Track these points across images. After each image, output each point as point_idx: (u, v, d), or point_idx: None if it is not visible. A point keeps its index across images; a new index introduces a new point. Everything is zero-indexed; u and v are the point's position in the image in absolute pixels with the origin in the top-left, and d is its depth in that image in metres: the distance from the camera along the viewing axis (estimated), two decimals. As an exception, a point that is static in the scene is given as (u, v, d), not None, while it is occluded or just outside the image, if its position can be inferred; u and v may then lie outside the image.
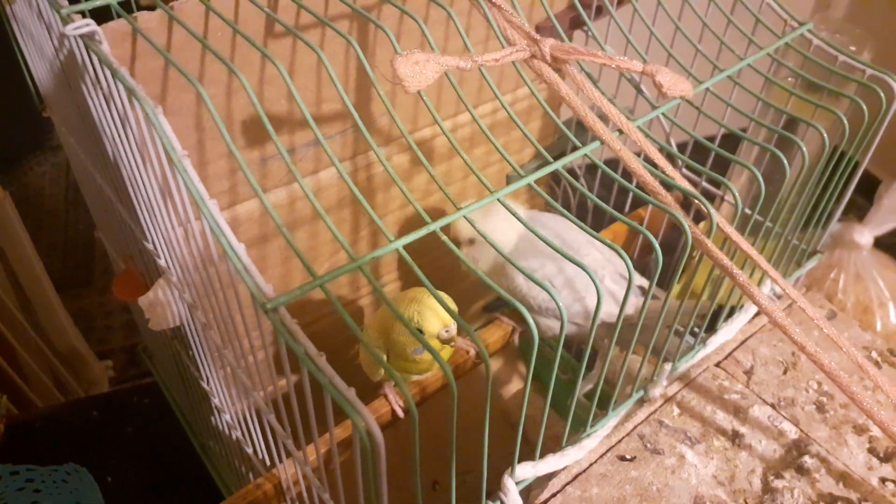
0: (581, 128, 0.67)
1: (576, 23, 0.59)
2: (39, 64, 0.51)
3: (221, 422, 0.54)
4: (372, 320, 0.47)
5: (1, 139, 0.90)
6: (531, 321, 0.29)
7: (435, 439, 0.44)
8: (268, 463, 0.48)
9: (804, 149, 0.39)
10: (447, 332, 0.42)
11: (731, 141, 0.46)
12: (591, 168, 0.35)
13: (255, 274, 0.30)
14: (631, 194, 0.48)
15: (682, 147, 0.55)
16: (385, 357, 0.46)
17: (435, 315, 0.42)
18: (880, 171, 1.00)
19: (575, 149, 0.36)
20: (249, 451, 0.50)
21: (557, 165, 0.36)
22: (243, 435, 0.50)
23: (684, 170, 0.55)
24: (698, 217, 0.58)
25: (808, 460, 0.41)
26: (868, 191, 0.83)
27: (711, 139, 0.43)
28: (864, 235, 0.84)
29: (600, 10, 0.60)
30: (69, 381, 1.10)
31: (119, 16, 0.38)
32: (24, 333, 0.99)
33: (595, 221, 0.70)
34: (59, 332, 1.13)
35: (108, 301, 1.59)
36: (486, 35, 0.54)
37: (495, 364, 0.70)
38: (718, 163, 0.43)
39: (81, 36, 0.34)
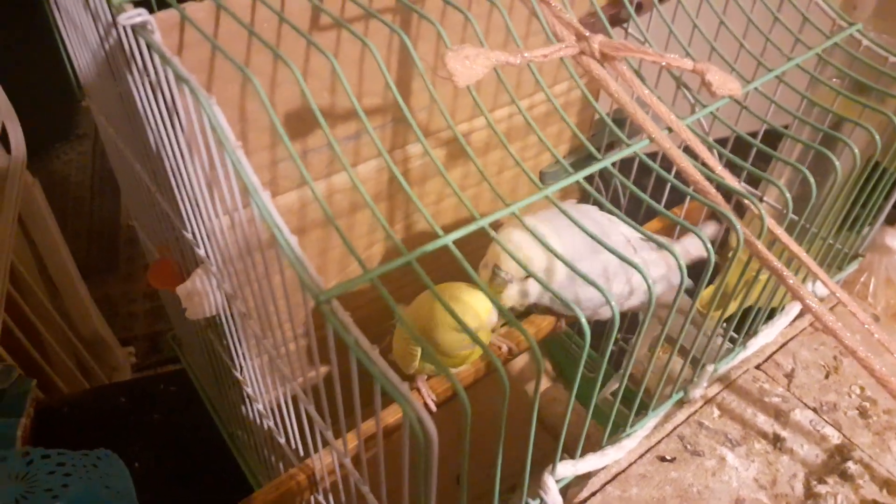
0: (617, 125, 0.66)
1: (615, 20, 0.59)
2: (82, 53, 0.51)
3: (253, 411, 0.54)
4: (412, 311, 0.47)
5: (29, 127, 0.91)
6: (584, 321, 0.29)
7: (460, 434, 0.44)
8: (301, 453, 0.48)
9: (855, 149, 0.39)
10: (490, 319, 0.42)
11: (770, 142, 0.46)
12: (623, 165, 0.36)
13: (308, 265, 0.30)
14: (667, 191, 0.48)
15: (722, 145, 0.54)
16: (419, 353, 0.46)
17: (472, 310, 0.42)
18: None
19: (610, 146, 0.36)
20: (282, 440, 0.50)
21: (607, 163, 0.36)
22: (276, 424, 0.50)
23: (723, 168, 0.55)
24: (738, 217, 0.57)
25: (851, 466, 0.40)
26: None
27: (753, 136, 0.42)
28: (896, 239, 0.83)
29: (640, 7, 0.60)
30: (93, 367, 1.11)
31: (168, 5, 0.38)
32: (50, 319, 1.00)
33: (630, 217, 0.70)
34: (84, 318, 1.14)
35: (132, 288, 1.61)
36: (527, 30, 0.54)
37: (523, 361, 0.69)
38: (756, 163, 0.43)
39: (133, 26, 0.34)
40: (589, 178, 0.55)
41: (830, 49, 0.45)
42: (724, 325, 0.44)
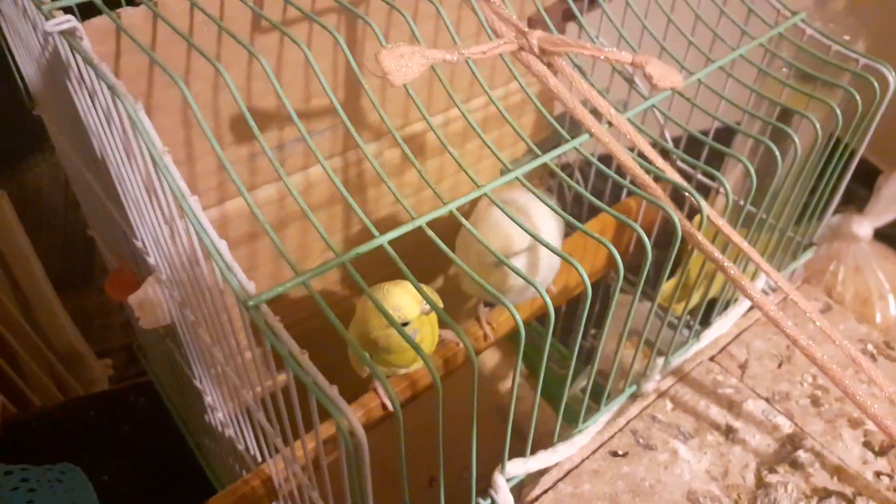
0: (575, 122, 0.66)
1: (569, 15, 0.59)
2: (27, 62, 0.50)
3: (214, 419, 0.54)
4: (357, 315, 0.47)
5: None
6: (520, 321, 0.29)
7: (431, 434, 0.44)
8: (259, 460, 0.47)
9: (797, 140, 0.39)
10: (397, 311, 0.40)
11: (726, 133, 0.46)
12: (590, 164, 0.36)
13: (237, 271, 0.29)
14: (609, 185, 0.48)
15: (676, 140, 0.54)
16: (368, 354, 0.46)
17: (404, 293, 0.40)
18: (881, 162, 0.99)
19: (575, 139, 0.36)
20: (241, 448, 0.49)
21: (546, 159, 0.35)
22: (235, 433, 0.50)
23: (679, 163, 0.55)
24: (694, 211, 0.57)
25: (802, 455, 0.40)
26: (869, 181, 0.82)
27: (706, 132, 0.42)
28: (864, 227, 0.83)
29: (593, 2, 0.60)
30: (69, 381, 1.10)
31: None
32: (23, 333, 0.99)
33: (591, 212, 0.70)
34: (58, 331, 1.13)
35: (108, 300, 1.59)
36: (478, 29, 0.54)
37: (492, 357, 0.69)
38: (713, 155, 0.43)
39: (62, 33, 0.33)
40: (552, 175, 0.53)
41: (778, 40, 0.45)
42: (689, 318, 0.44)
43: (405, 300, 0.40)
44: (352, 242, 0.58)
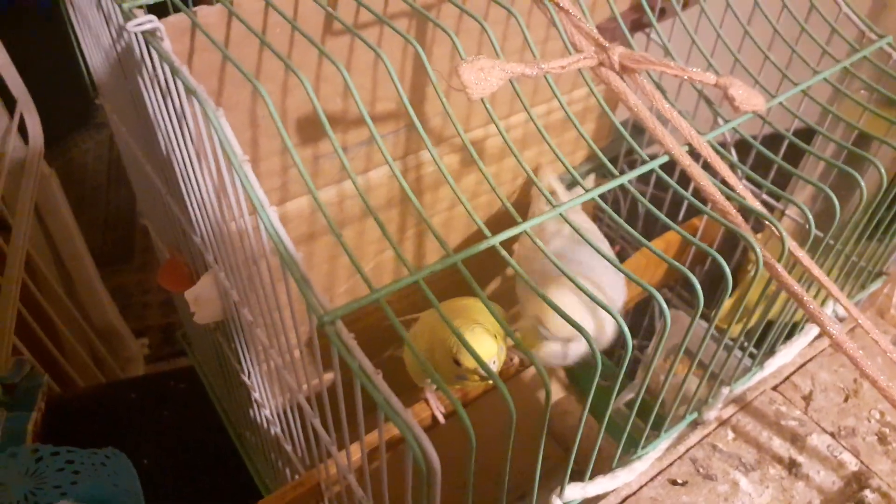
0: (636, 132, 0.65)
1: (637, 25, 0.57)
2: (95, 52, 0.51)
3: (260, 416, 0.54)
4: (422, 326, 0.46)
5: (47, 115, 0.92)
6: (597, 351, 0.28)
7: (468, 444, 0.44)
8: (307, 462, 0.47)
9: (880, 166, 0.38)
10: (494, 363, 0.40)
11: (794, 155, 0.44)
12: (645, 174, 0.35)
13: (311, 285, 0.29)
14: (685, 203, 0.47)
15: (742, 156, 0.53)
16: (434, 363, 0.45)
17: (483, 341, 0.40)
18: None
19: (630, 154, 0.35)
20: (288, 448, 0.49)
21: (623, 180, 0.35)
22: (282, 431, 0.50)
23: (744, 181, 0.53)
24: (756, 229, 0.56)
25: (868, 495, 0.39)
26: None
27: (774, 150, 0.41)
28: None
29: (664, 12, 0.58)
30: (106, 358, 1.12)
31: (178, 10, 0.37)
32: (65, 310, 1.01)
33: (646, 227, 0.69)
34: (99, 308, 1.15)
35: (147, 279, 1.61)
36: (546, 35, 0.53)
37: (534, 370, 0.68)
38: (779, 175, 0.41)
39: (144, 33, 0.33)
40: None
41: (858, 62, 0.43)
42: (744, 340, 0.43)
43: (488, 346, 0.39)
44: (406, 245, 0.57)
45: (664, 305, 0.31)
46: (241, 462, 0.68)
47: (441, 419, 0.48)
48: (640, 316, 0.74)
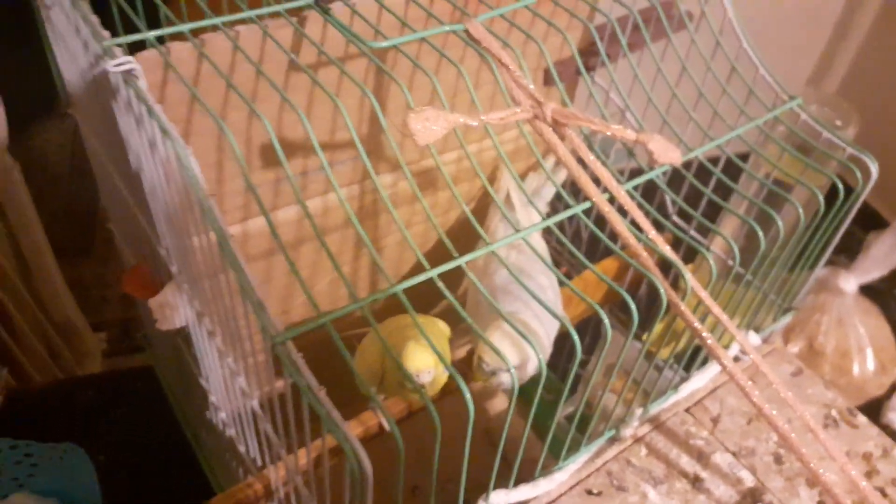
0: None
1: (585, 66, 0.62)
2: (69, 67, 0.53)
3: (217, 418, 0.57)
4: (371, 340, 0.50)
5: (8, 103, 0.91)
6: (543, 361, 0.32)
7: (419, 446, 0.47)
8: (259, 464, 0.50)
9: (779, 222, 0.43)
10: (418, 377, 0.43)
11: (723, 192, 0.49)
12: (591, 211, 0.39)
13: (266, 308, 0.33)
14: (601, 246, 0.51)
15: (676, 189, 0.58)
16: (381, 377, 0.49)
17: (415, 355, 0.43)
18: (886, 210, 1.02)
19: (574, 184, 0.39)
20: (242, 449, 0.53)
21: (550, 222, 0.39)
22: (237, 434, 0.53)
23: (674, 218, 0.58)
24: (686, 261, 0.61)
25: (760, 508, 0.44)
26: (871, 226, 0.85)
27: (704, 183, 0.45)
28: (850, 282, 0.87)
29: (611, 57, 0.63)
30: (63, 352, 1.12)
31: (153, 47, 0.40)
32: (23, 302, 1.01)
33: (586, 254, 0.73)
34: (57, 302, 1.14)
35: (106, 272, 1.61)
36: (494, 90, 0.57)
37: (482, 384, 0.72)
38: (711, 209, 0.46)
39: (122, 72, 0.36)
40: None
41: (773, 121, 0.48)
42: (674, 362, 0.48)
43: (423, 360, 0.42)
44: (362, 262, 0.61)
45: (607, 322, 0.35)
46: (197, 461, 0.70)
47: (387, 427, 0.51)
48: (582, 335, 0.79)
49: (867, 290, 0.89)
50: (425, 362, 0.42)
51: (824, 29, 1.01)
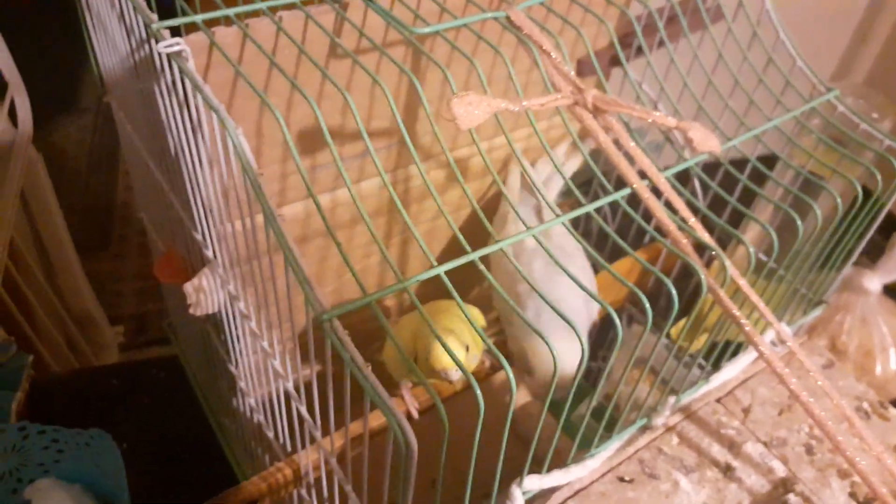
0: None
1: (616, 61, 0.62)
2: (108, 54, 0.54)
3: (244, 404, 0.57)
4: (401, 327, 0.50)
5: (30, 98, 0.92)
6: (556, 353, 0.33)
7: (437, 440, 0.48)
8: (289, 448, 0.51)
9: (818, 211, 0.43)
10: (446, 374, 0.43)
11: (757, 185, 0.49)
12: (625, 199, 0.39)
13: (313, 285, 0.33)
14: (652, 226, 0.51)
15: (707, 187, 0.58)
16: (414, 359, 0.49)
17: (442, 354, 0.43)
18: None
19: (606, 176, 0.39)
20: (271, 434, 0.53)
21: (590, 208, 0.39)
22: (266, 419, 0.53)
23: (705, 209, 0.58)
24: (714, 257, 0.61)
25: (792, 498, 0.44)
26: (890, 230, 0.85)
27: (740, 172, 0.45)
28: (874, 282, 0.86)
29: (641, 50, 0.63)
30: (81, 344, 1.13)
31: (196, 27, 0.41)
32: (44, 295, 1.02)
33: (617, 246, 0.73)
34: (77, 295, 1.16)
35: (122, 267, 1.62)
36: (527, 79, 0.57)
37: (504, 374, 0.73)
38: (741, 196, 0.46)
39: (171, 54, 0.37)
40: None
41: (809, 111, 0.48)
42: (699, 356, 0.48)
43: (458, 351, 0.43)
44: (392, 251, 0.61)
45: (617, 321, 0.35)
46: (220, 449, 0.71)
47: (415, 414, 0.52)
48: (605, 330, 0.79)
49: (890, 291, 0.89)
50: (459, 356, 0.43)
51: (848, 25, 1.01)
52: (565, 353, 0.42)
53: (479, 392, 0.33)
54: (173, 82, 0.40)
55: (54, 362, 0.99)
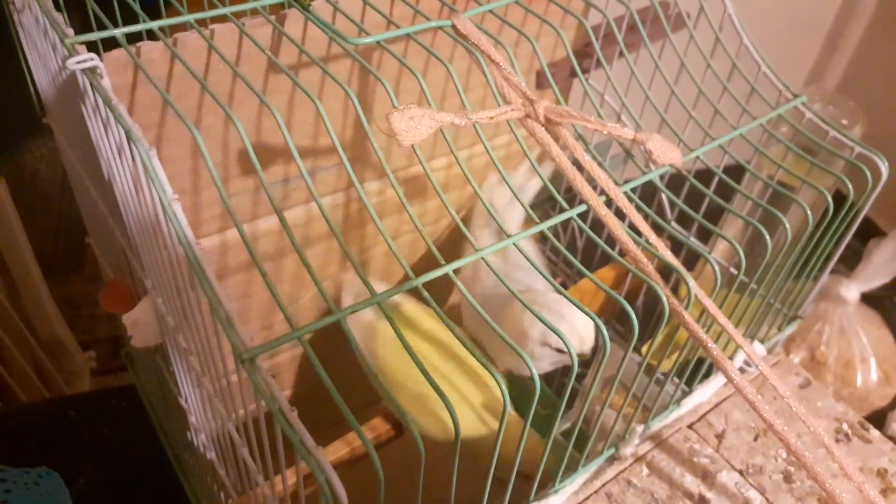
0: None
1: (576, 71, 0.60)
2: (42, 74, 0.51)
3: (197, 439, 0.54)
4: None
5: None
6: (534, 369, 0.30)
7: (443, 457, 0.45)
8: (238, 488, 0.48)
9: (787, 224, 0.40)
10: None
11: (724, 198, 0.47)
12: (586, 214, 0.37)
13: (235, 322, 0.30)
14: (598, 252, 0.49)
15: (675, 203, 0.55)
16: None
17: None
18: (883, 222, 1.00)
19: (569, 191, 0.37)
20: (222, 473, 0.50)
21: (544, 227, 0.36)
22: (217, 458, 0.50)
23: (674, 224, 0.56)
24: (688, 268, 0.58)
25: (770, 530, 0.41)
26: (868, 235, 0.83)
27: (705, 186, 0.43)
28: (851, 290, 0.85)
29: (599, 63, 0.61)
30: (51, 371, 1.09)
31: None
32: (8, 320, 0.99)
33: (584, 262, 0.71)
34: (44, 320, 1.13)
35: (96, 290, 1.58)
36: (485, 93, 0.55)
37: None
38: (711, 215, 0.44)
39: (84, 70, 0.34)
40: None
41: (776, 120, 0.46)
42: (665, 374, 0.45)
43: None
44: (350, 273, 0.58)
45: (605, 333, 0.32)
46: (179, 484, 0.68)
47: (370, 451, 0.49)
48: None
49: (868, 299, 0.87)
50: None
51: (819, 33, 1.00)
52: (580, 328, 0.44)
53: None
54: (95, 102, 0.37)
55: (22, 391, 0.96)
